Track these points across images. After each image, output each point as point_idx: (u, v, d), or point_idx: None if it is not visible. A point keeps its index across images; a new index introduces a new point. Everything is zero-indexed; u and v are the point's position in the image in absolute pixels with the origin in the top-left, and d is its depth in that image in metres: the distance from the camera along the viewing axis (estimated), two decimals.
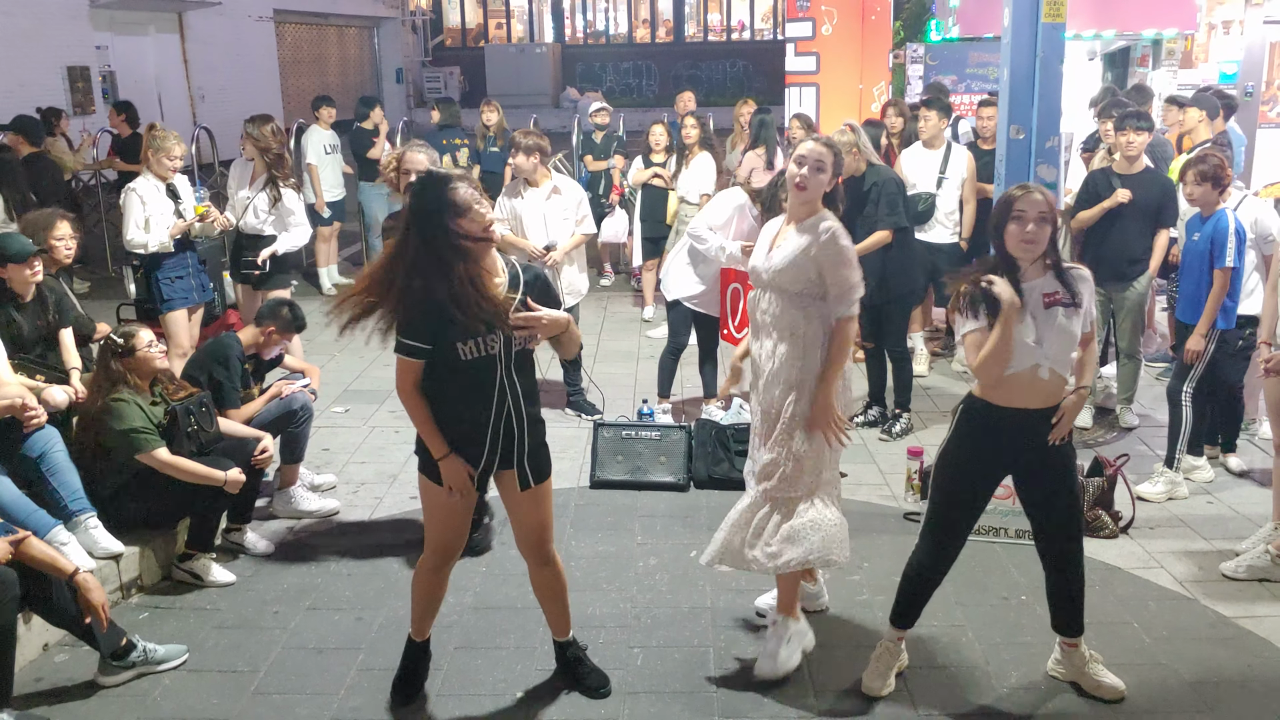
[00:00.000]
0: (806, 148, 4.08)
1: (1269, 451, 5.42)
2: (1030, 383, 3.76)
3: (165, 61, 19.72)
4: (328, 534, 5.45)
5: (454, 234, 3.46)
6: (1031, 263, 3.76)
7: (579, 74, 30.85)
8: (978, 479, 3.95)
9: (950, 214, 7.68)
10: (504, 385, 3.65)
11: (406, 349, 3.62)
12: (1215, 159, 5.61)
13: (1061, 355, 3.77)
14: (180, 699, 4.06)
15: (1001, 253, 3.79)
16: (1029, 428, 3.83)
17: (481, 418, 3.67)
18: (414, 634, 4.07)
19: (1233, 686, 4.10)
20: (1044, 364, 3.74)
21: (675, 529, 5.48)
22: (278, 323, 5.50)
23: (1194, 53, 11.74)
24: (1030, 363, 3.75)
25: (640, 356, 8.54)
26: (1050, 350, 3.74)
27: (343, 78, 27.47)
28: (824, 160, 4.03)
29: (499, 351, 3.61)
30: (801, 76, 9.81)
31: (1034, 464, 3.90)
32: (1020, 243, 3.72)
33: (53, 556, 3.91)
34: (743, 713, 3.96)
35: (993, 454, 3.90)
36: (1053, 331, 3.73)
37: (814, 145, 4.08)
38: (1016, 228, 3.72)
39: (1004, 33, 5.13)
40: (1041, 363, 3.74)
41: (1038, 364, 3.75)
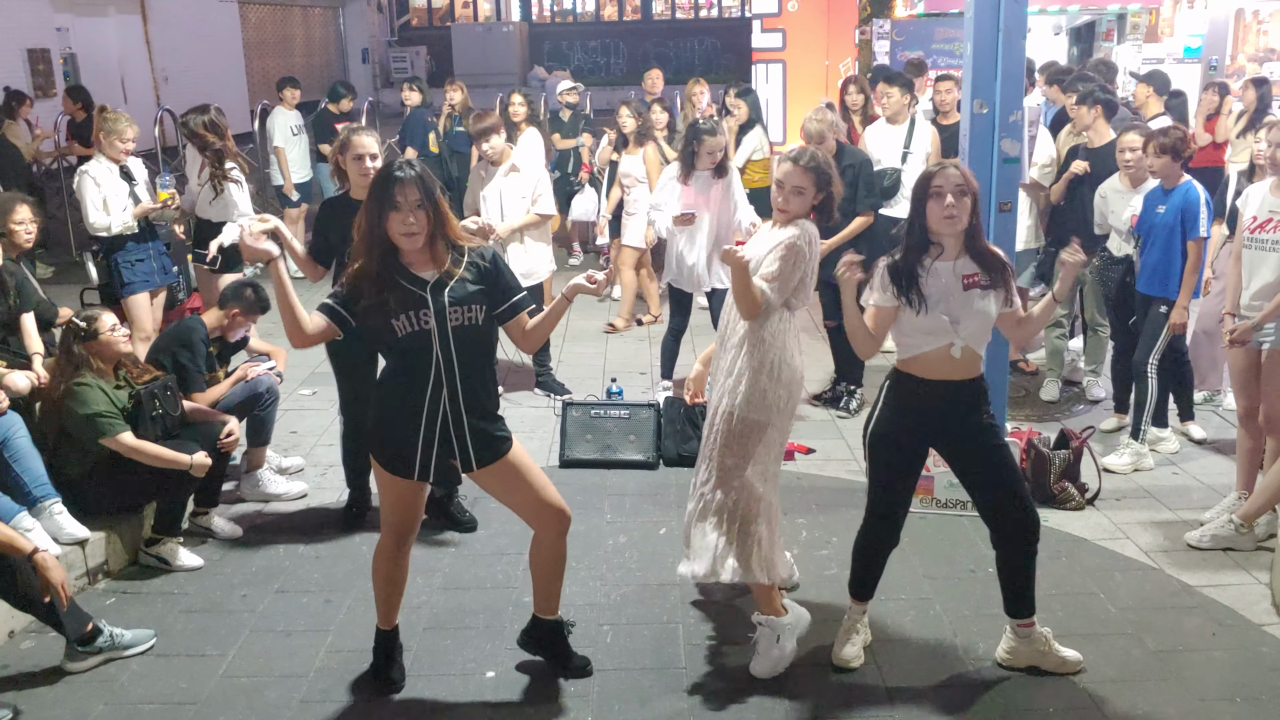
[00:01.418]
0: (784, 171, 4.10)
1: (1233, 422, 5.48)
2: (945, 358, 3.83)
3: (127, 43, 19.45)
4: (295, 517, 5.42)
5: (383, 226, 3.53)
6: (954, 241, 3.79)
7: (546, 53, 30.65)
8: (908, 447, 3.99)
9: None
10: (439, 365, 3.60)
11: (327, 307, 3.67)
12: (1177, 132, 5.64)
13: (977, 335, 3.83)
14: (148, 684, 4.03)
15: (921, 232, 3.82)
16: (950, 397, 3.88)
17: (416, 399, 3.63)
18: (381, 623, 4.03)
19: (1197, 655, 4.15)
20: (958, 343, 3.80)
21: (645, 507, 5.49)
22: (242, 304, 5.45)
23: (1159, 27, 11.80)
24: (945, 341, 3.81)
25: (609, 336, 8.52)
26: (965, 331, 3.80)
27: (308, 58, 27.20)
28: (802, 185, 4.06)
29: (433, 327, 3.57)
30: (768, 53, 9.80)
31: (959, 436, 3.94)
32: (942, 218, 3.75)
33: (10, 537, 3.87)
34: (712, 688, 3.97)
35: (919, 423, 3.94)
36: (969, 312, 3.79)
37: (791, 169, 4.08)
38: (936, 204, 3.75)
39: (966, 6, 5.12)
40: (955, 341, 3.80)
41: (951, 342, 3.81)
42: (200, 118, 6.89)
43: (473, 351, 3.65)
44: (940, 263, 3.80)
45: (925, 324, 3.80)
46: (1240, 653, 4.17)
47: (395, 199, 3.49)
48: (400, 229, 3.51)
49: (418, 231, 3.52)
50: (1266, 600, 4.52)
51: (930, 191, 3.77)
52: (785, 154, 4.23)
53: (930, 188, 3.77)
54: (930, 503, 5.31)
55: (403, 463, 3.69)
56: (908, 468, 4.03)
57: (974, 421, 3.90)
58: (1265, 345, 4.89)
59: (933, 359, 3.84)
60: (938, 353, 3.82)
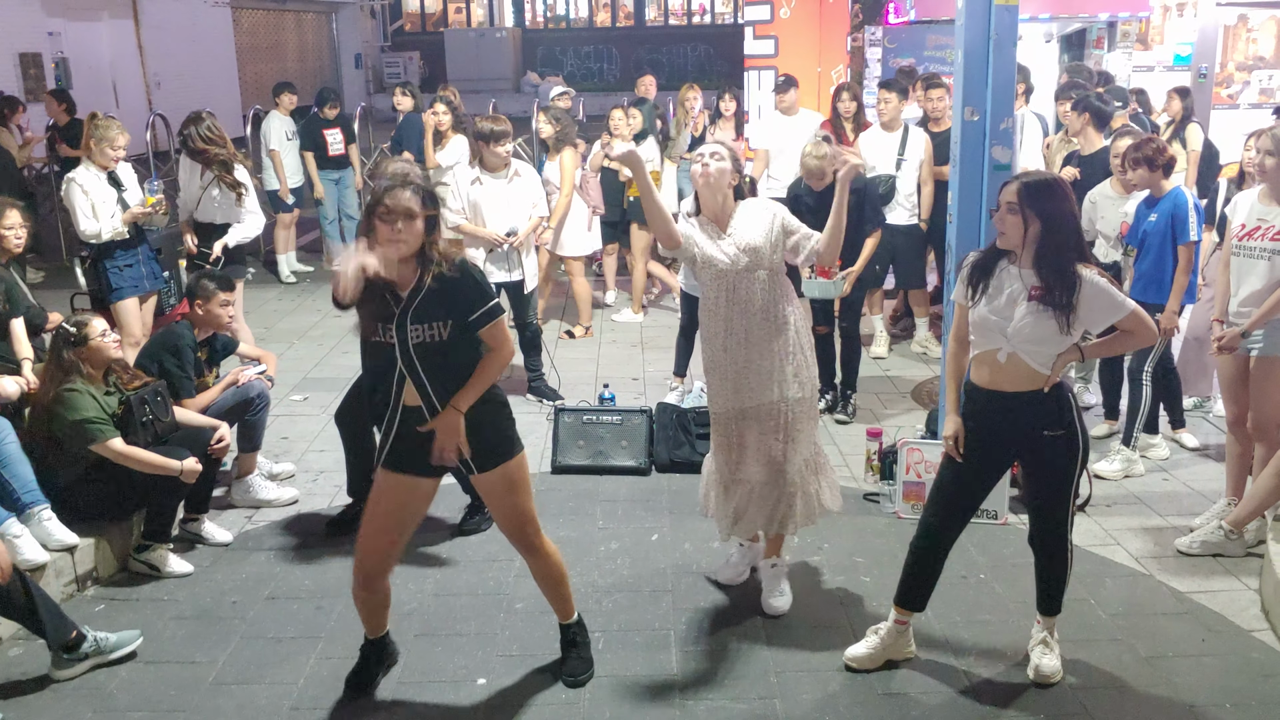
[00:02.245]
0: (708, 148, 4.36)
1: (1223, 429, 5.50)
2: (994, 363, 3.82)
3: (119, 48, 19.42)
4: (286, 523, 5.41)
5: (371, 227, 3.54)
6: (1022, 251, 3.78)
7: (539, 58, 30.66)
8: (974, 458, 3.96)
9: (909, 196, 7.72)
10: (402, 375, 3.63)
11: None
12: (1154, 143, 5.67)
13: (1028, 346, 3.76)
14: (137, 691, 4.02)
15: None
16: (1013, 410, 3.85)
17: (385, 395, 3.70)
18: (368, 633, 4.04)
19: (1187, 661, 4.16)
20: (1005, 348, 3.78)
21: (637, 513, 5.48)
22: (201, 293, 5.38)
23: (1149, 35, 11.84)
24: (993, 345, 3.82)
25: (602, 341, 8.52)
26: (1014, 338, 3.76)
27: (301, 64, 27.17)
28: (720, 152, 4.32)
29: (394, 341, 3.59)
30: (760, 60, 9.81)
31: (1025, 449, 3.94)
32: (995, 227, 3.83)
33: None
34: (704, 695, 3.97)
35: (987, 434, 3.92)
36: (1025, 320, 3.73)
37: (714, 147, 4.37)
38: (996, 216, 3.83)
39: (957, 14, 5.13)
40: (1003, 346, 3.78)
41: (999, 347, 3.80)
42: (197, 130, 6.82)
43: (437, 364, 3.63)
44: (1016, 267, 3.81)
45: (979, 321, 3.84)
46: (1230, 659, 4.18)
47: (386, 207, 3.48)
48: (386, 236, 3.49)
49: (404, 240, 3.50)
50: (1256, 606, 4.53)
51: (999, 202, 3.83)
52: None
53: (1000, 199, 3.82)
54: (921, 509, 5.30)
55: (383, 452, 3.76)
56: (973, 479, 4.01)
57: (1035, 435, 3.86)
58: (1254, 352, 4.90)
59: (986, 361, 3.87)
60: (989, 355, 3.85)
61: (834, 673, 4.09)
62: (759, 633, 4.37)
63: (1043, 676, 4.01)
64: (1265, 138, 4.88)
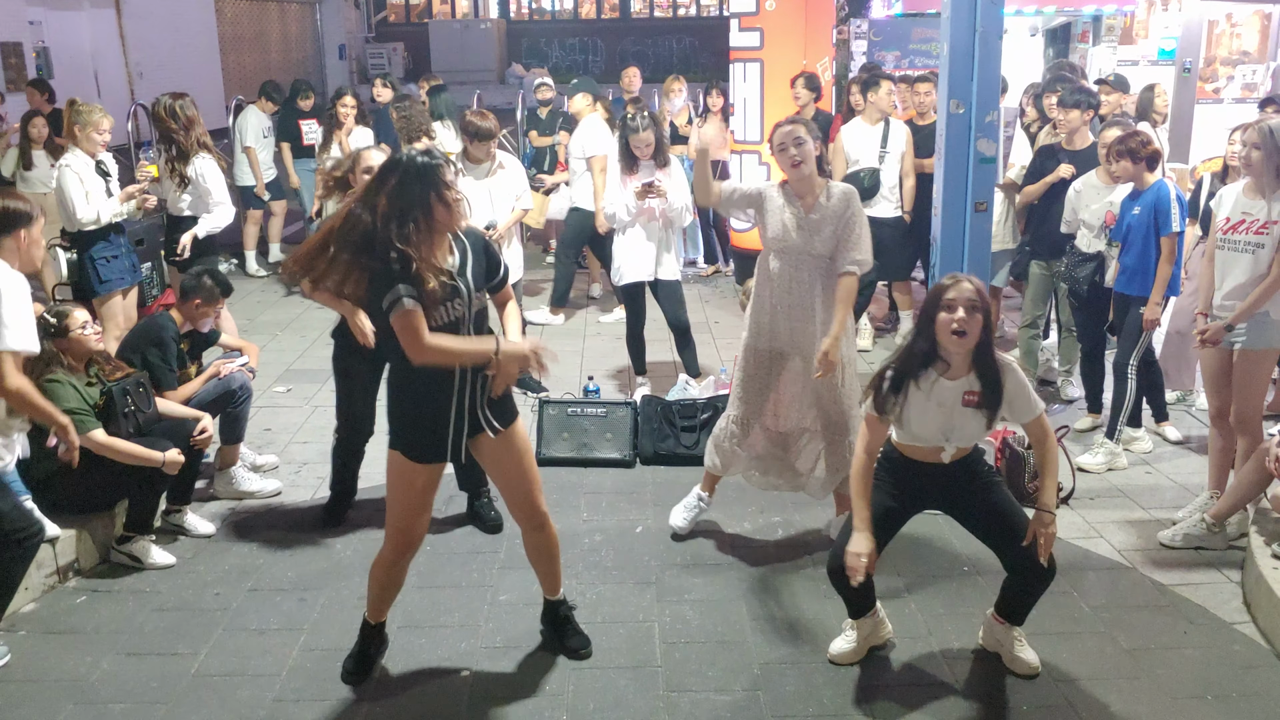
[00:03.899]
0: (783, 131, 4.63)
1: (1205, 422, 5.52)
2: (937, 454, 3.91)
3: (101, 38, 19.28)
4: (269, 515, 5.38)
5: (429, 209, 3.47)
6: (961, 358, 3.76)
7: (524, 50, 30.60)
8: (892, 510, 4.00)
9: (893, 188, 7.73)
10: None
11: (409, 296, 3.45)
12: (1141, 136, 5.69)
13: (968, 440, 3.91)
14: (118, 683, 3.99)
15: (928, 344, 3.78)
16: (943, 474, 3.95)
17: (448, 383, 3.66)
18: (369, 616, 4.05)
19: (1169, 653, 4.18)
20: (949, 448, 3.89)
21: (621, 505, 5.48)
22: (203, 294, 5.36)
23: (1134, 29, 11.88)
24: (936, 444, 3.89)
25: (587, 334, 8.51)
26: (957, 439, 3.88)
27: (284, 54, 27.03)
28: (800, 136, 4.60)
29: (463, 313, 3.62)
30: (746, 52, 9.78)
31: (955, 498, 4.01)
32: (950, 334, 3.70)
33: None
34: (688, 686, 3.97)
35: (912, 491, 3.99)
36: (963, 424, 3.84)
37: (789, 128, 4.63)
38: (946, 316, 3.70)
39: (943, 7, 5.14)
40: (946, 447, 3.89)
41: (942, 447, 3.89)
42: (174, 102, 6.63)
43: (484, 327, 3.74)
44: (945, 380, 3.78)
45: (917, 432, 3.87)
46: (1212, 651, 4.20)
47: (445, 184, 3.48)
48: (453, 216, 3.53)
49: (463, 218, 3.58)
50: (1238, 599, 4.56)
51: (942, 304, 3.70)
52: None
53: (942, 300, 3.70)
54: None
55: (435, 448, 3.74)
56: (886, 528, 3.99)
57: (966, 484, 3.95)
58: (1237, 346, 4.92)
59: (923, 450, 3.93)
60: (930, 450, 3.91)
61: (818, 665, 4.09)
62: (743, 625, 4.37)
63: (1028, 668, 4.02)
64: (1250, 131, 4.90)
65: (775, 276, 4.78)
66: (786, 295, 4.78)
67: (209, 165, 6.69)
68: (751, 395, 4.92)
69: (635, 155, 6.48)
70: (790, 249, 4.73)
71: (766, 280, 4.82)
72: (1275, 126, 4.79)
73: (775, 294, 4.80)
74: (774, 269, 4.79)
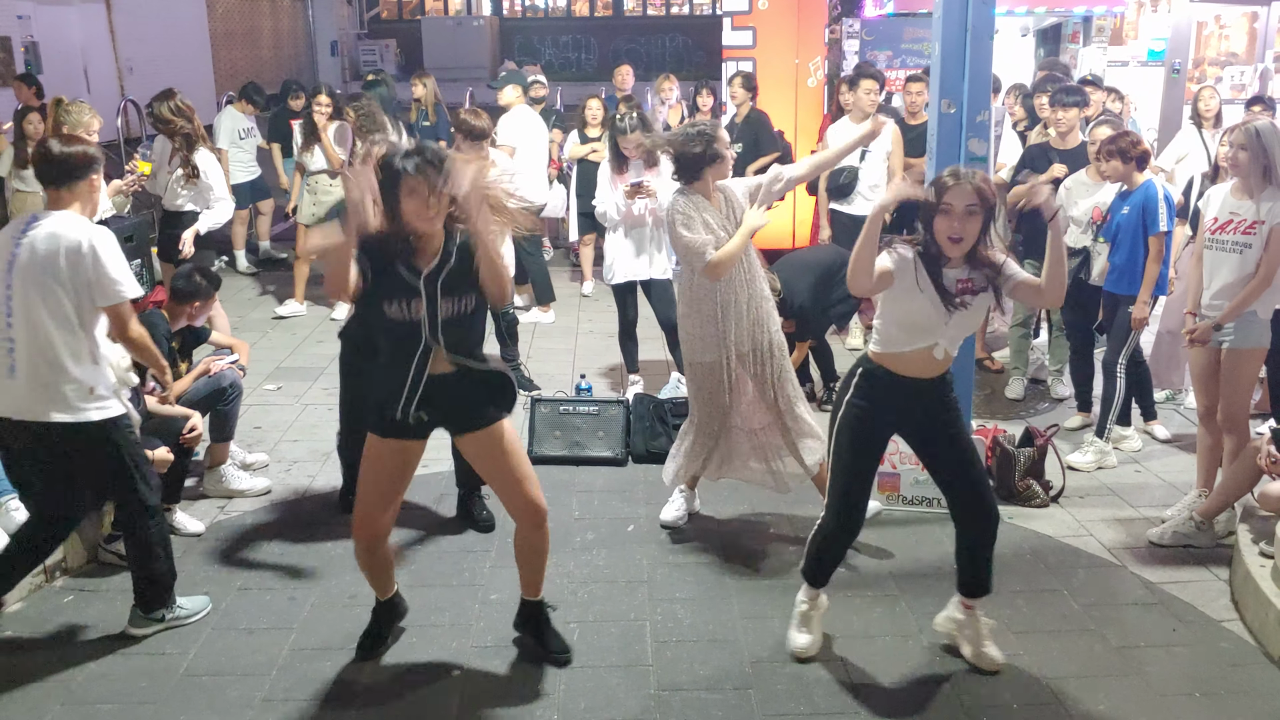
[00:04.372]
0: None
1: (1194, 421, 5.54)
2: (926, 359, 3.87)
3: (91, 32, 19.18)
4: (259, 513, 5.37)
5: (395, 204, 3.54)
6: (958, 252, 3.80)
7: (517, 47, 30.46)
8: (877, 436, 4.03)
9: (874, 187, 7.72)
10: (428, 346, 3.67)
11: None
12: (1131, 136, 5.71)
13: (960, 336, 3.91)
14: (106, 683, 3.98)
15: (929, 238, 3.81)
16: (921, 392, 3.93)
17: (401, 373, 3.69)
18: (378, 595, 4.13)
19: (1158, 651, 4.19)
20: (941, 343, 3.85)
21: (613, 503, 5.48)
22: (200, 295, 5.35)
23: (1124, 30, 11.90)
24: (930, 341, 3.85)
25: (579, 332, 8.51)
26: (951, 332, 3.85)
27: (276, 51, 26.94)
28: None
29: (423, 318, 3.63)
30: (738, 51, 9.80)
31: (925, 425, 4.00)
32: (947, 239, 3.74)
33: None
34: (679, 685, 3.97)
35: (891, 413, 3.98)
36: (959, 316, 3.82)
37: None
38: (944, 222, 3.73)
39: (935, 7, 5.13)
40: (940, 342, 3.85)
41: (936, 343, 3.85)
42: (166, 103, 6.75)
43: (460, 335, 3.72)
44: (947, 270, 3.82)
45: (918, 318, 3.81)
46: (1200, 648, 4.22)
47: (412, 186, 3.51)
48: (419, 216, 3.54)
49: (436, 216, 3.56)
50: (1226, 597, 4.58)
51: (940, 207, 3.74)
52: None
53: (941, 203, 3.74)
54: (896, 500, 5.33)
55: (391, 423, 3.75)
56: (876, 456, 4.06)
57: (938, 411, 3.96)
58: (1225, 345, 4.94)
59: (912, 358, 3.87)
60: (919, 353, 3.86)
61: (808, 664, 4.09)
62: (735, 623, 4.38)
63: (993, 664, 4.03)
64: (1237, 133, 4.92)
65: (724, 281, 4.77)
66: (732, 296, 4.82)
67: (209, 160, 6.71)
68: (717, 406, 4.94)
69: (624, 155, 6.48)
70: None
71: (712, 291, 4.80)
72: (1262, 128, 4.81)
73: (724, 299, 4.80)
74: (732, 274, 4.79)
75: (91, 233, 3.89)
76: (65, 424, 3.89)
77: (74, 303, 3.86)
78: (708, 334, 4.84)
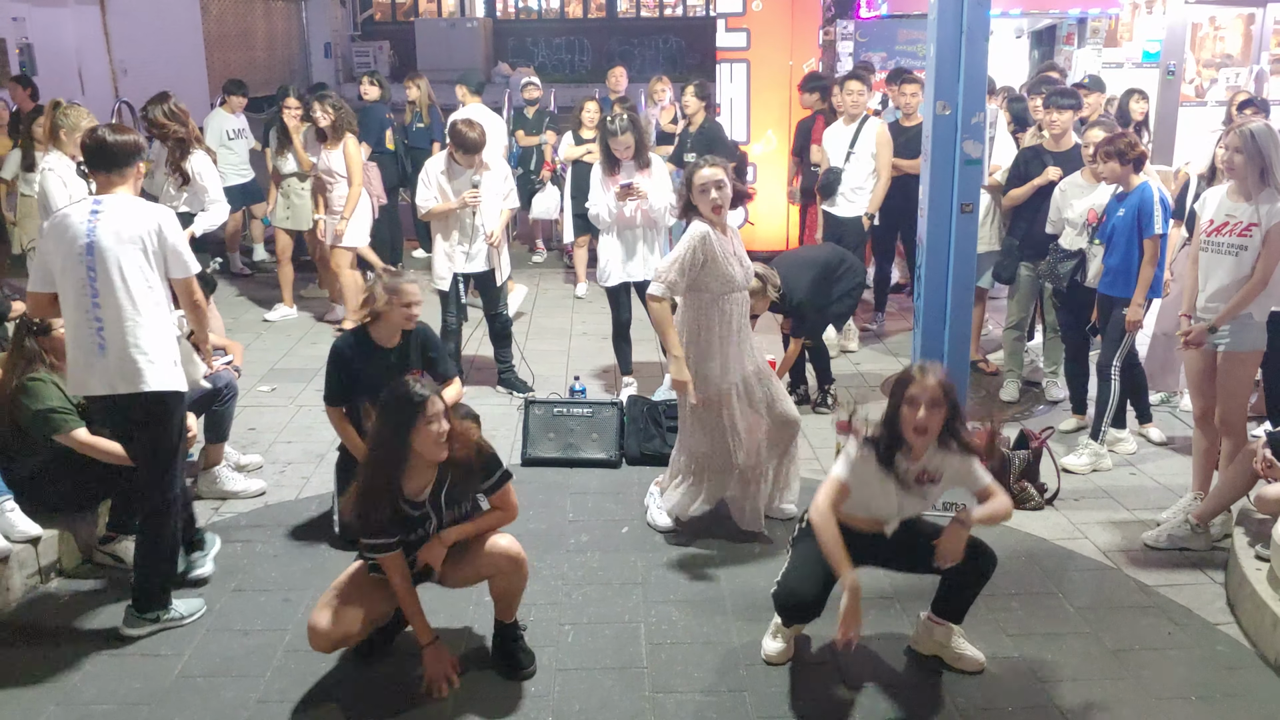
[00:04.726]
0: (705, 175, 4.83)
1: (1189, 423, 5.54)
2: (878, 525, 3.95)
3: (85, 34, 19.13)
4: (254, 515, 5.35)
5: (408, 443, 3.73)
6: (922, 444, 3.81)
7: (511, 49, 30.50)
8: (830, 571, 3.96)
9: (856, 189, 7.76)
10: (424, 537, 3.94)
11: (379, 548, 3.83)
12: (1130, 138, 5.71)
13: (916, 512, 3.99)
14: (101, 684, 3.97)
15: (892, 428, 3.82)
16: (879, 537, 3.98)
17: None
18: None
19: (1153, 654, 4.19)
20: (893, 522, 3.93)
21: (607, 505, 5.47)
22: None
23: (1118, 31, 11.92)
24: (883, 516, 3.94)
25: (573, 334, 8.50)
26: (905, 513, 3.94)
27: (270, 52, 26.90)
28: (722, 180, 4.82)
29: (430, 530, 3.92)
30: (732, 53, 9.82)
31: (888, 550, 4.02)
32: (912, 430, 3.77)
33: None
34: (674, 687, 3.96)
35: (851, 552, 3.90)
36: (913, 500, 3.90)
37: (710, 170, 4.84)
38: (909, 411, 3.76)
39: (930, 8, 5.14)
40: (892, 521, 3.93)
41: (888, 520, 3.93)
42: (160, 106, 6.73)
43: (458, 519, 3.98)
44: (908, 462, 3.84)
45: (874, 504, 3.89)
46: (1195, 651, 4.22)
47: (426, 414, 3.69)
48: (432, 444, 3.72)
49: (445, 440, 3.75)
50: (1221, 600, 4.58)
51: (905, 398, 3.77)
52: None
53: (905, 394, 3.77)
54: None
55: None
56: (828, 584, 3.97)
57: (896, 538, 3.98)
58: (1220, 347, 4.94)
59: (864, 520, 3.96)
60: (871, 521, 3.95)
61: (802, 666, 4.09)
62: (729, 626, 4.37)
63: (975, 664, 4.05)
64: (1233, 135, 4.92)
65: (724, 314, 4.88)
66: (740, 325, 4.96)
67: (205, 163, 6.68)
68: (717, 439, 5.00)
69: (616, 157, 6.48)
70: (737, 281, 4.90)
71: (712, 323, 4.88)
72: (1257, 130, 4.81)
73: (723, 332, 4.89)
74: (724, 307, 4.88)
75: (159, 212, 4.19)
76: (150, 394, 4.12)
77: (151, 279, 4.13)
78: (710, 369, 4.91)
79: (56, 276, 4.08)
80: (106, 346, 4.06)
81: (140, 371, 4.08)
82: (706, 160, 4.94)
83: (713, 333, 4.88)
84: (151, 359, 4.10)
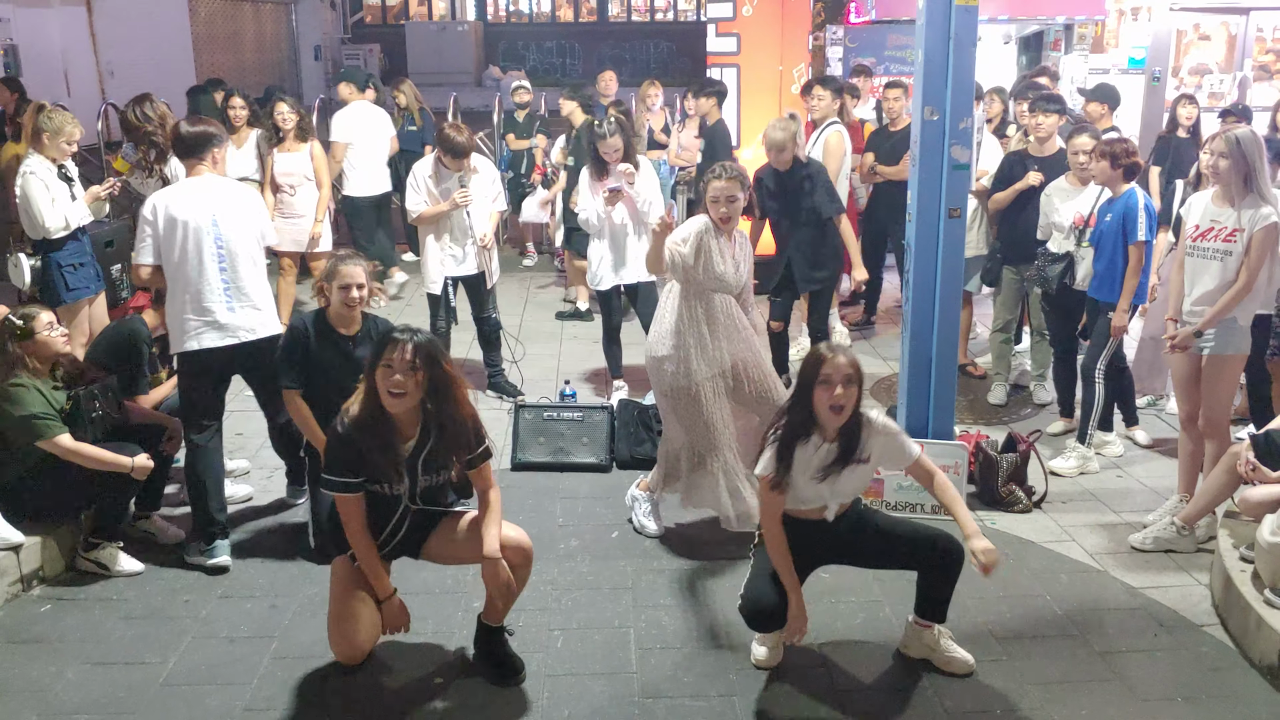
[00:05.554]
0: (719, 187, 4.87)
1: (1175, 426, 5.56)
2: (819, 512, 3.99)
3: (71, 35, 19.06)
4: (240, 520, 5.33)
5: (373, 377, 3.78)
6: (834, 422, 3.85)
7: (501, 52, 30.49)
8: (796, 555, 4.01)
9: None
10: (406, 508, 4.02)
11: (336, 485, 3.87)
12: (1127, 144, 5.73)
13: (850, 495, 4.02)
14: (84, 692, 3.94)
15: (806, 413, 3.85)
16: (829, 529, 4.03)
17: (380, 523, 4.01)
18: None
19: (1140, 655, 4.21)
20: (832, 505, 3.98)
21: (597, 510, 5.46)
22: None
23: (1104, 38, 11.96)
24: (820, 503, 3.97)
25: (563, 338, 8.50)
26: (839, 496, 3.98)
27: (259, 55, 26.83)
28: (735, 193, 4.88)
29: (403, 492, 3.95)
30: (723, 58, 9.81)
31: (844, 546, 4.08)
32: (828, 408, 3.80)
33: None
34: (663, 692, 3.96)
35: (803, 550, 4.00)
36: (844, 481, 3.94)
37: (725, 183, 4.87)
38: (824, 392, 3.79)
39: (918, 14, 5.15)
40: (831, 505, 3.97)
41: (826, 505, 3.97)
42: (136, 108, 6.71)
43: (435, 493, 4.05)
44: (825, 443, 3.88)
45: (801, 494, 3.93)
46: (1181, 653, 4.23)
47: (389, 357, 3.70)
48: (386, 385, 3.72)
49: (404, 393, 3.73)
50: (1207, 601, 4.59)
51: (819, 379, 3.79)
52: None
53: (819, 375, 3.79)
54: (880, 505, 5.33)
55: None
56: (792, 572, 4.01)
57: (855, 529, 4.05)
58: (1205, 351, 4.96)
59: (807, 512, 4.00)
60: (813, 511, 3.99)
61: (791, 670, 4.09)
62: (719, 631, 4.37)
63: (965, 666, 4.06)
64: (1218, 141, 4.94)
65: (710, 310, 4.90)
66: (727, 322, 4.93)
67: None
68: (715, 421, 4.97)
69: (604, 161, 6.48)
70: (728, 283, 4.91)
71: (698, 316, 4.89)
72: (1242, 136, 4.84)
73: (710, 328, 4.90)
74: (710, 303, 4.90)
75: (250, 190, 5.16)
76: (268, 336, 4.98)
77: (257, 246, 4.99)
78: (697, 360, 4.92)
79: (173, 249, 4.77)
80: (234, 306, 4.85)
81: (258, 322, 4.94)
82: (726, 170, 4.93)
83: (699, 325, 4.88)
84: (262, 311, 4.96)
